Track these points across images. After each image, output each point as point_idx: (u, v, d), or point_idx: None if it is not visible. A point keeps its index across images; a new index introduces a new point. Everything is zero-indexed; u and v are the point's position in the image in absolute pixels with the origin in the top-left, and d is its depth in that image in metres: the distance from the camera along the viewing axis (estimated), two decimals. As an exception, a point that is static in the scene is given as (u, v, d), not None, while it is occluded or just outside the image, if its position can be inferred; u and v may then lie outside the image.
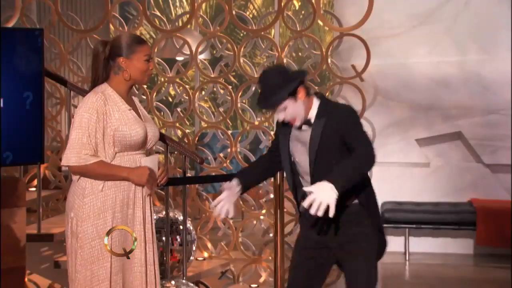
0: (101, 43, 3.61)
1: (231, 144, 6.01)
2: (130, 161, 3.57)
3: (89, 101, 3.50)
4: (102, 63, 3.58)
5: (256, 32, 5.98)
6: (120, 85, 3.60)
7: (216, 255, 6.03)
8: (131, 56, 3.57)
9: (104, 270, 3.50)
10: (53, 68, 6.12)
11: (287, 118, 3.70)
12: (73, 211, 3.52)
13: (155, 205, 5.98)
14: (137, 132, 3.55)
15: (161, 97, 6.31)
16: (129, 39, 3.61)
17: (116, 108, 3.53)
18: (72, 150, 3.45)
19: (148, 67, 3.61)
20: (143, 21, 6.16)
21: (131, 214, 3.57)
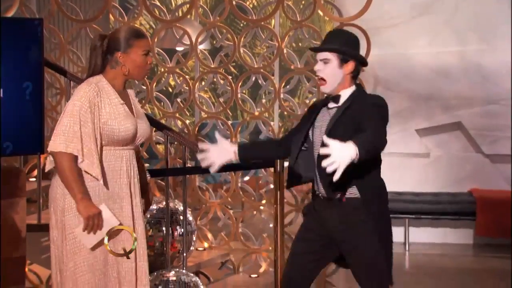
0: (99, 37, 3.57)
1: (231, 135, 6.00)
2: (115, 156, 3.51)
3: (82, 91, 3.45)
4: (100, 57, 3.54)
5: (256, 22, 5.96)
6: (115, 79, 3.55)
7: (216, 245, 6.04)
8: (128, 51, 3.52)
9: (87, 261, 3.45)
10: (53, 58, 6.11)
11: (321, 74, 3.71)
12: (56, 201, 3.48)
13: (155, 195, 5.98)
14: (126, 128, 3.49)
15: (161, 87, 6.29)
16: (127, 33, 3.55)
17: (108, 101, 3.48)
18: (61, 137, 3.38)
19: (146, 62, 3.57)
20: (143, 11, 6.14)
21: (118, 209, 3.51)
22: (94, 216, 3.37)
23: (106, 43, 3.54)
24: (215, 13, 6.08)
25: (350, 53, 3.72)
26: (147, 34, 3.75)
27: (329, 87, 3.72)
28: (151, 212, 5.15)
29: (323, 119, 3.77)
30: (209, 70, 6.12)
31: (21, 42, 4.49)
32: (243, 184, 6.13)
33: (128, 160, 3.56)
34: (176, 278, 4.53)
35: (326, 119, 3.75)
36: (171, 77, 6.27)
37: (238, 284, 5.66)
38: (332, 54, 3.71)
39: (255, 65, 6.01)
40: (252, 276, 5.87)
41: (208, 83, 6.41)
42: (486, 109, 8.04)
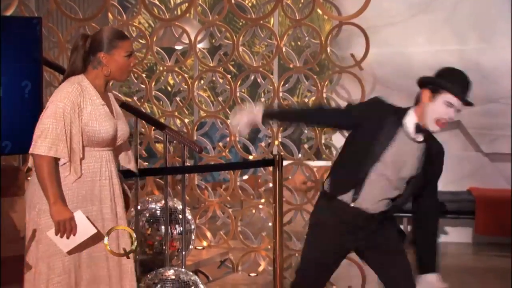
0: (81, 37, 3.55)
1: (230, 134, 6.00)
2: (95, 157, 3.50)
3: (65, 91, 3.43)
4: (80, 56, 3.51)
5: (255, 21, 5.96)
6: (97, 80, 3.53)
7: (215, 244, 6.04)
8: (111, 52, 3.50)
9: (62, 263, 3.45)
10: (52, 57, 6.11)
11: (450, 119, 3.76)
12: (33, 202, 3.46)
13: (153, 194, 5.99)
14: (106, 130, 3.48)
15: (160, 86, 6.29)
16: (111, 34, 3.53)
17: (90, 101, 3.47)
18: (43, 139, 3.36)
19: (129, 63, 3.54)
20: (141, 9, 6.14)
21: (96, 211, 3.50)
22: (66, 220, 3.35)
23: (89, 43, 3.52)
24: (214, 12, 6.08)
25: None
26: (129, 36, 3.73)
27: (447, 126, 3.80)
28: (150, 211, 5.15)
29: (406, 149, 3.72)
30: (208, 69, 6.12)
31: (20, 40, 4.49)
32: (242, 183, 6.13)
33: (108, 161, 3.55)
34: (175, 276, 4.53)
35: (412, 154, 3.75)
36: (170, 76, 6.26)
37: (237, 283, 5.67)
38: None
39: (254, 64, 6.01)
40: (251, 274, 5.87)
41: (207, 82, 6.41)
42: (486, 108, 8.04)
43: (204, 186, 6.22)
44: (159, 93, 6.23)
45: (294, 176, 6.21)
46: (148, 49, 6.06)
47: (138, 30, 6.32)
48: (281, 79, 5.97)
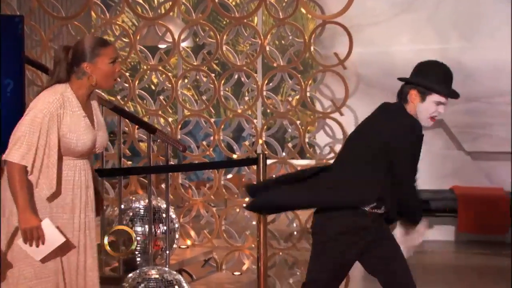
0: (62, 49, 3.49)
1: (214, 132, 5.99)
2: (69, 166, 3.47)
3: (46, 101, 3.39)
4: (64, 69, 3.46)
5: (239, 20, 5.95)
6: (81, 89, 3.49)
7: (199, 243, 6.03)
8: (95, 60, 3.45)
9: (32, 268, 3.42)
10: (34, 56, 6.07)
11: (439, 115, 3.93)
12: (4, 203, 3.43)
13: (137, 193, 5.96)
14: (83, 143, 3.45)
15: (143, 85, 6.27)
16: (93, 42, 3.48)
17: (71, 113, 3.43)
18: (19, 148, 3.33)
19: (114, 70, 3.49)
20: (125, 8, 6.11)
21: (68, 219, 3.47)
22: (32, 229, 3.33)
23: (71, 54, 3.47)
24: (197, 11, 6.06)
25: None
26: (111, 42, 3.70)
27: None
28: (134, 210, 5.13)
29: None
30: (191, 67, 6.10)
31: (1, 39, 4.46)
32: (226, 182, 6.12)
33: (82, 170, 3.52)
34: (159, 276, 4.51)
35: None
36: (154, 75, 6.24)
37: (221, 282, 5.66)
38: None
39: (238, 63, 6.00)
40: (235, 273, 5.87)
41: (191, 80, 6.40)
42: (468, 107, 8.07)
43: (188, 185, 6.21)
44: (143, 92, 6.21)
45: (278, 174, 6.21)
46: (132, 47, 6.04)
47: (121, 28, 6.29)
48: (265, 78, 5.97)
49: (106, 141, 3.62)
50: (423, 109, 3.86)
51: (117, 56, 3.54)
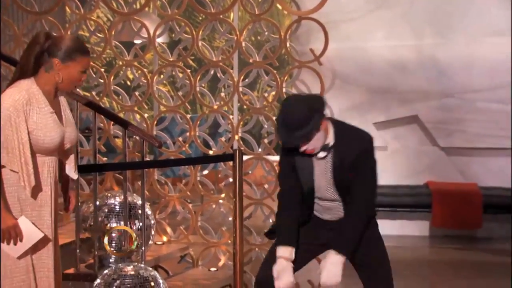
0: (44, 35, 3.45)
1: (190, 128, 5.97)
2: (39, 163, 3.45)
3: (12, 99, 3.35)
4: (34, 54, 3.42)
5: (215, 16, 5.93)
6: (47, 85, 3.46)
7: (175, 239, 6.00)
8: (68, 63, 3.43)
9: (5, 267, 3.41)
10: (8, 50, 6.00)
11: (309, 148, 3.63)
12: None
13: (112, 189, 5.93)
14: (51, 139, 3.43)
15: (119, 80, 6.22)
16: (73, 45, 3.45)
17: (37, 109, 3.40)
18: (4, 150, 3.33)
19: (80, 78, 3.48)
20: (99, 3, 6.06)
21: (36, 216, 3.45)
22: (10, 228, 3.33)
23: (49, 44, 3.44)
24: (173, 6, 6.03)
25: (318, 118, 3.58)
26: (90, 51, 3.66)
27: (318, 148, 3.68)
28: (109, 206, 5.09)
29: (320, 168, 3.76)
30: (167, 63, 6.07)
31: (-25, 34, 4.41)
32: (202, 178, 6.10)
33: (51, 167, 3.50)
34: (134, 272, 4.48)
35: (325, 169, 3.76)
36: (129, 71, 6.20)
37: (197, 278, 5.64)
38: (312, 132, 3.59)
39: (214, 59, 5.98)
40: (211, 269, 5.85)
41: (166, 76, 6.36)
42: (442, 103, 8.12)
43: (164, 181, 6.18)
44: (118, 88, 6.16)
45: (254, 170, 6.21)
46: (107, 43, 5.99)
47: (96, 24, 6.24)
48: (241, 74, 5.95)
49: (75, 137, 3.59)
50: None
51: (89, 67, 3.54)
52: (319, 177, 3.78)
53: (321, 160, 3.75)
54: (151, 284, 4.46)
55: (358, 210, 3.79)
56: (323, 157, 3.74)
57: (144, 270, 4.53)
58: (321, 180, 3.78)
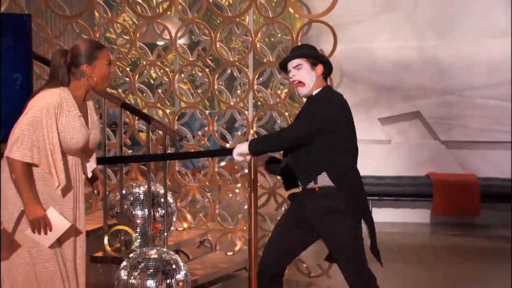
0: (60, 53, 3.46)
1: (209, 123, 5.97)
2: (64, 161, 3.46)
3: (44, 102, 3.37)
4: (66, 72, 3.44)
5: (231, 19, 5.92)
6: (78, 90, 3.48)
7: (195, 225, 6.01)
8: (94, 63, 3.45)
9: (28, 254, 3.42)
10: (41, 52, 6.02)
11: (296, 77, 3.75)
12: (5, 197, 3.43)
13: (137, 179, 5.94)
14: (76, 141, 3.44)
15: (143, 79, 6.23)
16: (90, 46, 3.47)
17: (67, 113, 3.41)
18: (20, 145, 3.32)
19: (110, 71, 3.49)
20: (125, 8, 6.06)
21: (58, 210, 3.45)
22: (39, 219, 3.33)
23: (69, 58, 3.45)
24: (193, 10, 6.03)
25: (316, 55, 3.81)
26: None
27: (306, 88, 3.76)
28: (134, 195, 5.11)
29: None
30: (187, 63, 6.07)
31: (11, 36, 4.43)
32: (220, 169, 6.10)
33: (74, 165, 3.51)
34: (157, 256, 4.50)
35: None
36: (153, 70, 6.21)
37: (215, 261, 5.65)
38: (302, 60, 3.77)
39: (230, 59, 5.97)
40: (228, 253, 5.86)
41: (187, 75, 6.36)
42: (443, 100, 8.09)
43: (185, 172, 6.19)
44: (142, 86, 6.17)
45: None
46: (132, 44, 6.00)
47: (122, 27, 6.25)
48: (256, 73, 5.94)
49: (98, 139, 3.62)
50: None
51: (111, 58, 3.53)
52: None
53: None
54: (172, 267, 4.47)
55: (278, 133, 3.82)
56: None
57: (166, 254, 4.54)
58: None
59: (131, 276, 4.39)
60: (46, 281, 3.44)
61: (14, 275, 3.43)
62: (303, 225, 3.81)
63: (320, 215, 3.71)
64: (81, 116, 3.47)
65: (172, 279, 4.43)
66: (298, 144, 3.68)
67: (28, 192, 3.32)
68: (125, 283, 4.41)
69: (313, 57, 3.78)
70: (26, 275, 3.42)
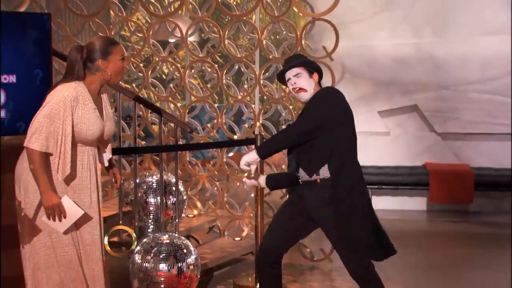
0: (76, 49, 3.46)
1: (217, 116, 5.97)
2: (79, 151, 3.47)
3: (61, 95, 3.38)
4: (82, 67, 3.44)
5: (239, 17, 5.91)
6: (93, 84, 3.48)
7: (204, 212, 6.02)
8: (108, 58, 3.45)
9: (49, 238, 3.44)
10: (60, 49, 6.03)
11: (297, 85, 3.80)
12: (20, 182, 3.45)
13: (150, 169, 5.95)
14: (92, 133, 3.44)
15: (155, 74, 6.24)
16: (104, 42, 3.47)
17: (82, 106, 3.42)
18: (38, 136, 3.33)
19: (123, 66, 3.50)
20: (139, 7, 6.06)
21: (76, 198, 3.46)
22: (54, 206, 3.34)
23: (85, 53, 3.45)
24: (203, 9, 6.02)
25: (312, 65, 3.87)
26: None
27: (308, 93, 3.81)
28: (147, 184, 5.12)
29: None
30: (197, 59, 6.06)
31: (32, 34, 4.43)
32: (228, 159, 6.11)
33: (91, 155, 3.51)
34: (169, 241, 4.51)
35: None
36: (165, 66, 6.21)
37: (223, 246, 5.66)
38: (300, 68, 3.82)
39: (238, 55, 5.96)
40: (235, 239, 5.87)
41: (197, 70, 6.37)
42: (439, 94, 8.06)
43: (195, 162, 6.19)
44: (155, 81, 6.17)
45: (273, 153, 6.18)
46: (145, 42, 6.00)
47: (136, 25, 6.25)
48: (262, 68, 5.94)
49: (113, 131, 3.62)
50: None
51: (124, 54, 3.53)
52: None
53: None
54: (183, 251, 4.48)
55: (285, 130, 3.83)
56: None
57: (177, 239, 4.55)
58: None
59: (144, 260, 4.41)
60: (65, 264, 3.46)
61: (36, 259, 3.44)
62: (302, 216, 3.80)
63: (320, 206, 3.70)
64: (96, 108, 3.48)
65: (183, 263, 4.44)
66: (303, 139, 3.69)
67: (45, 181, 3.33)
68: (139, 267, 4.42)
69: (310, 66, 3.85)
70: (47, 258, 3.44)
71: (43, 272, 3.44)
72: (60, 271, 3.44)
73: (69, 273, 3.45)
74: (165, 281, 4.37)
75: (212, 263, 5.25)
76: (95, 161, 3.55)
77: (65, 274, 3.45)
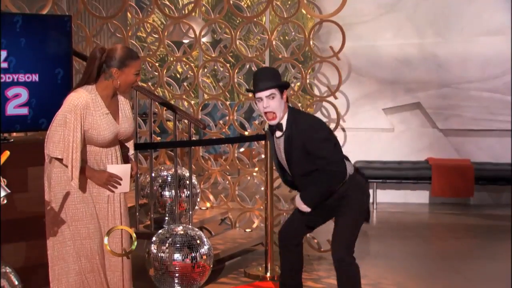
0: (99, 50, 3.45)
1: (229, 113, 5.97)
2: (95, 151, 3.47)
3: (72, 103, 3.38)
4: (96, 67, 3.43)
5: (250, 19, 5.90)
6: (106, 90, 3.46)
7: (217, 205, 6.03)
8: (124, 69, 3.42)
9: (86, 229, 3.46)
10: (80, 49, 6.05)
11: (269, 108, 3.60)
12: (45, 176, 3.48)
13: (165, 163, 5.96)
14: (103, 138, 3.44)
15: (170, 73, 6.24)
16: (125, 53, 3.43)
17: (94, 112, 3.41)
18: (58, 145, 3.35)
19: (135, 80, 3.47)
20: (155, 9, 6.07)
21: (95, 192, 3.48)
22: (107, 179, 3.43)
23: (105, 57, 3.44)
24: (215, 11, 6.01)
25: (284, 83, 3.65)
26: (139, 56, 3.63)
27: (277, 119, 3.64)
28: (162, 177, 5.13)
29: (279, 148, 3.78)
30: (210, 59, 6.06)
31: (53, 35, 4.44)
32: (239, 154, 6.11)
33: (104, 155, 3.50)
34: (183, 232, 4.52)
35: (280, 149, 3.75)
36: (179, 65, 6.21)
37: (235, 237, 5.67)
38: (275, 89, 3.60)
39: (249, 55, 5.96)
40: (246, 230, 5.87)
41: (209, 70, 6.37)
42: (440, 92, 8.03)
43: (208, 157, 6.20)
44: (170, 79, 6.18)
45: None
46: (160, 42, 6.00)
47: (152, 26, 6.25)
48: (272, 68, 5.92)
49: (129, 131, 3.59)
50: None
51: (141, 69, 3.51)
52: (279, 154, 3.79)
53: (278, 139, 3.75)
54: (197, 242, 4.49)
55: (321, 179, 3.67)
56: (279, 137, 3.73)
57: (191, 230, 4.56)
58: (280, 157, 3.79)
59: (160, 250, 4.42)
60: (85, 255, 3.48)
61: (57, 248, 3.46)
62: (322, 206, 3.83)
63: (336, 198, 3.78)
64: (108, 113, 3.46)
65: (196, 253, 4.45)
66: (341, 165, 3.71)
67: (83, 169, 3.40)
68: (154, 256, 4.44)
69: (282, 86, 3.64)
70: (68, 249, 3.47)
71: (65, 261, 3.46)
72: (78, 262, 3.46)
73: (86, 264, 3.48)
74: (179, 270, 4.39)
75: (224, 253, 5.26)
76: (116, 158, 3.55)
77: (83, 265, 3.47)
